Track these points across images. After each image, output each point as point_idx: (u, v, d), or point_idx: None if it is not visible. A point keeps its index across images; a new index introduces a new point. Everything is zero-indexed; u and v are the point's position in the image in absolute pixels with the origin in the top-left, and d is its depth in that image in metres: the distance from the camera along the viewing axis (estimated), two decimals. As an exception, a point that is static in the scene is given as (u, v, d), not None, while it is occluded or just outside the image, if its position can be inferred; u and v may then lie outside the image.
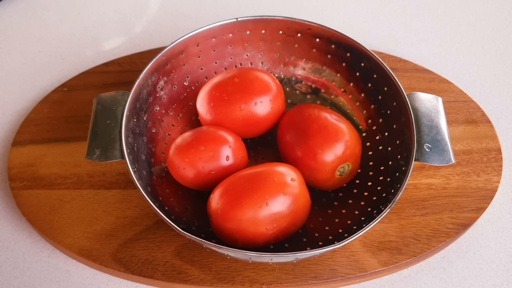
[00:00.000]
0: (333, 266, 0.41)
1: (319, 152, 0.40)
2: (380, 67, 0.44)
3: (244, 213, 0.36)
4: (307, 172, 0.40)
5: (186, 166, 0.40)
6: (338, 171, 0.41)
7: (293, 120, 0.43)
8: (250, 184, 0.37)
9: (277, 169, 0.38)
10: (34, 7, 0.64)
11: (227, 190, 0.38)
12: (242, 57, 0.50)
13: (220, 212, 0.37)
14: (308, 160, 0.40)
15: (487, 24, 0.63)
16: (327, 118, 0.41)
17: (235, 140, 0.41)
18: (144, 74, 0.43)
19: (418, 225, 0.43)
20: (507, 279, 0.42)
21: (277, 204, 0.36)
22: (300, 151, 0.41)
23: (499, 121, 0.52)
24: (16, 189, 0.45)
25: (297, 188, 0.37)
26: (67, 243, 0.42)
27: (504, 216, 0.46)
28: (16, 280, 0.42)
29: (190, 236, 0.34)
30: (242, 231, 0.36)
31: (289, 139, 0.42)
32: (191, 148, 0.40)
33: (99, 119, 0.41)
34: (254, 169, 0.39)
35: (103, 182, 0.46)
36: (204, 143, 0.40)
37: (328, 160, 0.40)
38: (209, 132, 0.41)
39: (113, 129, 0.40)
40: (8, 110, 0.54)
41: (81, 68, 0.57)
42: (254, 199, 0.36)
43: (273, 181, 0.37)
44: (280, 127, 0.44)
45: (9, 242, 0.44)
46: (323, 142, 0.40)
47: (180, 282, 0.40)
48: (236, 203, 0.36)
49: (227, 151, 0.40)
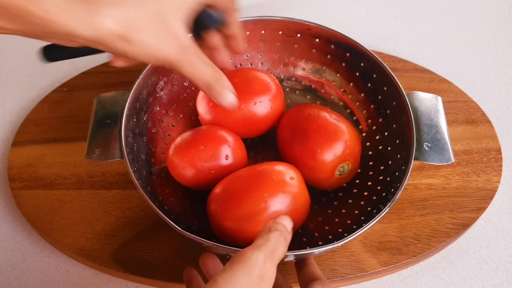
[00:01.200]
0: (333, 266, 0.41)
1: (318, 151, 0.40)
2: (380, 67, 0.44)
3: (243, 212, 0.36)
4: (307, 171, 0.40)
5: (185, 166, 0.40)
6: (337, 170, 0.41)
7: (292, 120, 0.43)
8: (249, 183, 0.37)
9: (276, 167, 0.38)
10: (34, 8, 0.64)
11: (226, 189, 0.38)
12: (241, 58, 0.50)
13: (219, 211, 0.37)
14: (307, 160, 0.40)
15: (487, 24, 0.63)
16: (327, 118, 0.41)
17: (235, 139, 0.41)
18: (144, 74, 0.43)
19: (418, 225, 0.43)
20: (507, 279, 0.42)
21: (276, 203, 0.36)
22: (300, 151, 0.41)
23: (499, 121, 0.52)
24: (16, 189, 0.45)
25: (296, 187, 0.37)
26: (67, 243, 0.42)
27: (504, 216, 0.46)
28: (16, 280, 0.42)
29: (190, 236, 0.34)
30: (242, 230, 0.36)
31: (288, 139, 0.42)
32: (190, 148, 0.40)
33: (99, 119, 0.41)
34: (253, 168, 0.39)
35: (103, 183, 0.46)
36: (203, 142, 0.40)
37: (327, 159, 0.40)
38: (208, 132, 0.41)
39: (113, 129, 0.40)
40: (8, 110, 0.54)
41: (81, 68, 0.57)
42: (253, 197, 0.36)
43: (272, 179, 0.37)
44: (280, 127, 0.44)
45: (9, 242, 0.44)
46: (322, 141, 0.40)
47: (180, 282, 0.40)
48: (235, 202, 0.36)
49: (226, 150, 0.40)
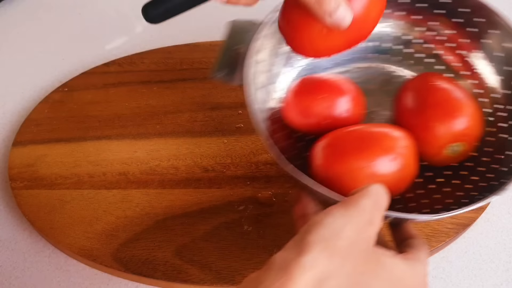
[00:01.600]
0: (333, 266, 0.41)
1: (434, 124, 0.38)
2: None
3: (348, 168, 0.35)
4: (418, 141, 0.38)
5: (301, 111, 0.40)
6: (449, 148, 0.39)
7: (415, 86, 0.41)
8: (361, 141, 0.36)
9: (392, 132, 0.37)
10: (34, 8, 0.64)
11: (337, 141, 0.37)
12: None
13: (324, 162, 0.36)
14: (420, 130, 0.38)
15: None
16: (452, 92, 0.39)
17: (357, 93, 0.41)
18: None
19: (418, 225, 0.43)
20: (507, 279, 0.42)
21: (383, 167, 0.35)
22: (415, 119, 0.39)
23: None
24: (16, 189, 0.46)
25: (407, 157, 0.36)
26: (67, 243, 0.42)
27: (504, 216, 0.46)
28: (16, 280, 0.42)
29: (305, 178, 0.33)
30: (340, 185, 0.35)
31: (407, 104, 0.40)
32: (310, 94, 0.40)
33: (231, 43, 0.42)
34: (368, 127, 0.38)
35: (103, 182, 0.46)
36: (325, 91, 0.40)
37: (440, 134, 0.38)
38: (331, 81, 0.41)
39: (242, 55, 0.40)
40: (8, 110, 0.54)
41: (82, 68, 0.57)
42: (361, 156, 0.35)
43: (384, 143, 0.36)
44: (401, 91, 0.42)
45: (10, 242, 0.44)
46: (440, 114, 0.38)
47: (180, 282, 0.40)
48: (343, 156, 0.36)
49: (346, 103, 0.40)
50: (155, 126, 0.50)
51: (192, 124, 0.50)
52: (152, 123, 0.50)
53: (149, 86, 0.54)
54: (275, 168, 0.47)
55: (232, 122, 0.51)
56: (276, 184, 0.46)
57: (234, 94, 0.53)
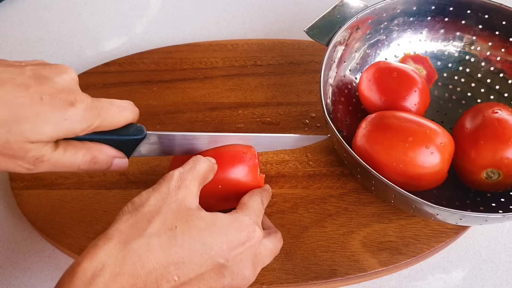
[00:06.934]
0: (333, 266, 0.41)
1: (479, 141, 0.40)
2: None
3: (383, 140, 0.40)
4: (460, 155, 0.41)
5: (378, 96, 0.45)
6: (485, 173, 0.40)
7: (479, 111, 0.43)
8: (404, 123, 0.40)
9: (434, 126, 0.40)
10: (34, 8, 0.64)
11: (383, 118, 0.41)
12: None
13: (365, 131, 0.41)
14: (467, 145, 0.41)
15: None
16: (508, 120, 0.41)
17: (425, 90, 0.46)
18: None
19: (418, 225, 0.43)
20: (507, 279, 0.42)
21: (415, 152, 0.38)
22: (467, 135, 0.42)
23: None
24: (17, 189, 0.46)
25: (440, 152, 0.38)
26: (67, 243, 0.42)
27: (504, 216, 0.46)
28: (16, 280, 0.42)
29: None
30: (373, 156, 0.40)
31: (465, 124, 0.43)
32: (386, 81, 0.46)
33: (335, 12, 0.47)
34: (417, 116, 0.41)
35: (103, 182, 0.46)
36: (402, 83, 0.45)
37: (483, 153, 0.40)
38: (407, 73, 0.46)
39: (339, 24, 0.46)
40: (8, 110, 0.54)
41: (82, 68, 0.57)
42: (398, 132, 0.39)
43: (424, 131, 0.39)
44: (465, 114, 0.44)
45: (10, 242, 0.44)
46: (489, 136, 0.40)
47: (180, 282, 0.40)
48: (383, 128, 0.40)
49: (415, 98, 0.45)
50: (155, 126, 0.50)
51: (192, 124, 0.50)
52: (152, 123, 0.50)
53: (149, 86, 0.54)
54: (275, 168, 0.47)
55: (232, 122, 0.51)
56: (276, 184, 0.46)
57: (234, 94, 0.53)
